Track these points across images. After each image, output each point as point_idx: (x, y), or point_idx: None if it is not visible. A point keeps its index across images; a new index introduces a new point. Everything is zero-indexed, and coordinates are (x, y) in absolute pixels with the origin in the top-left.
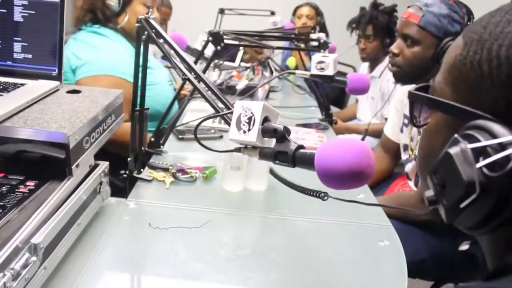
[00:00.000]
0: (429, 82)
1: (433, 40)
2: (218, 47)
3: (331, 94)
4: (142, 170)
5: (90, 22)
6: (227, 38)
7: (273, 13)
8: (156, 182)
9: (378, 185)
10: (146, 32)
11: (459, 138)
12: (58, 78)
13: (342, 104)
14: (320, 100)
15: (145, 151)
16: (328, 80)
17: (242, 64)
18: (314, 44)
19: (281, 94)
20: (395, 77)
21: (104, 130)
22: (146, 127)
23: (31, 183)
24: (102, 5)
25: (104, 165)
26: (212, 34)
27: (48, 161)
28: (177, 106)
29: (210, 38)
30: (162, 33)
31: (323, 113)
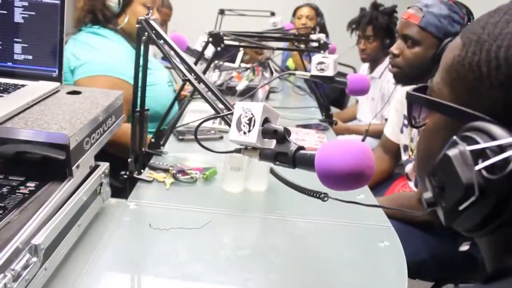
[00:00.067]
0: (427, 83)
1: (433, 40)
2: (218, 48)
3: (331, 94)
4: (143, 171)
5: (90, 23)
6: (227, 39)
7: (273, 13)
8: (156, 183)
9: (378, 185)
10: (146, 33)
11: (458, 140)
12: (59, 79)
13: (342, 104)
14: (320, 100)
15: (145, 152)
16: (328, 81)
17: (242, 65)
18: (314, 45)
19: (281, 95)
20: (396, 78)
21: (104, 131)
22: (147, 128)
23: (32, 184)
24: (102, 6)
25: (104, 166)
26: (212, 35)
27: (48, 162)
28: (177, 107)
29: (210, 39)
30: (162, 34)
31: (323, 113)
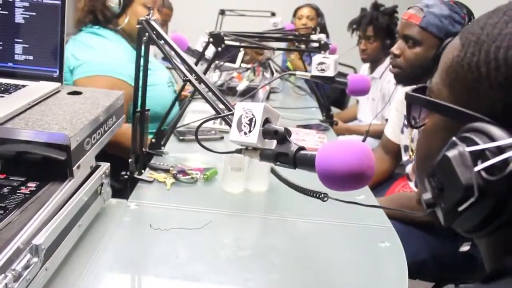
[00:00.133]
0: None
1: (434, 40)
2: (219, 48)
3: (332, 95)
4: (143, 171)
5: (90, 23)
6: (228, 39)
7: (273, 14)
8: (157, 183)
9: (379, 186)
10: (147, 33)
11: (457, 141)
12: (59, 79)
13: (342, 105)
14: (320, 101)
15: (146, 152)
16: (328, 81)
17: (243, 65)
18: (314, 45)
19: (281, 95)
20: (396, 78)
21: (105, 131)
22: (147, 129)
23: (32, 185)
24: (103, 6)
25: (105, 166)
26: (212, 35)
27: (49, 162)
28: (178, 107)
29: (210, 39)
30: (162, 34)
31: (324, 114)
